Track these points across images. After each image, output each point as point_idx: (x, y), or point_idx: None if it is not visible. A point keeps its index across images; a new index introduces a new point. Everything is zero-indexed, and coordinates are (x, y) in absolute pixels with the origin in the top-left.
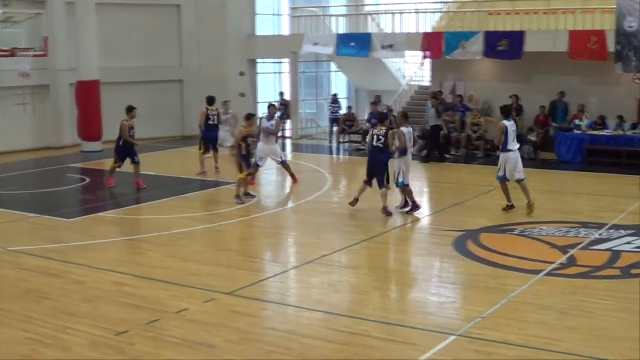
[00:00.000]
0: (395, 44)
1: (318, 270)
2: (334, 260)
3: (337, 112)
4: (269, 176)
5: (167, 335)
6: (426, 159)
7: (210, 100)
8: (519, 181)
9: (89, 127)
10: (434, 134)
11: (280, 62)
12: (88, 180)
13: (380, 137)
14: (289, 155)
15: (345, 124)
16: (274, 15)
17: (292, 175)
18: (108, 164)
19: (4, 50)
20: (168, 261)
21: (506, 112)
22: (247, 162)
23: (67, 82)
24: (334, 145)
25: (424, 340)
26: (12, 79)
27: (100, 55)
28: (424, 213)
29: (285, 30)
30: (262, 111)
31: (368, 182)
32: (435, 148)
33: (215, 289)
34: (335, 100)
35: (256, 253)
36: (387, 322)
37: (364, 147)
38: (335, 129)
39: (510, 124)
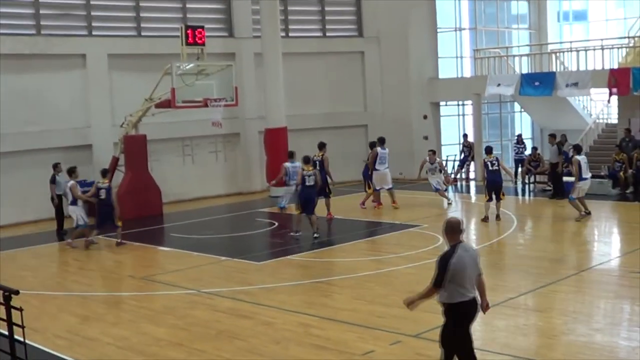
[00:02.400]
0: (580, 81)
1: (504, 313)
2: (520, 302)
3: (522, 153)
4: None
5: None
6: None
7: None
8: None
9: (277, 173)
10: (554, 171)
11: (464, 104)
12: (276, 224)
13: (494, 163)
14: (473, 197)
15: (530, 164)
16: (456, 57)
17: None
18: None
19: (197, 101)
20: (354, 303)
21: (578, 149)
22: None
23: (256, 130)
24: (519, 186)
25: None
26: (205, 128)
27: (287, 102)
28: (613, 255)
29: (467, 72)
30: (447, 153)
31: (489, 200)
32: (555, 184)
33: (401, 332)
34: (519, 140)
35: None
36: None
37: (549, 188)
38: (520, 169)
39: (581, 158)
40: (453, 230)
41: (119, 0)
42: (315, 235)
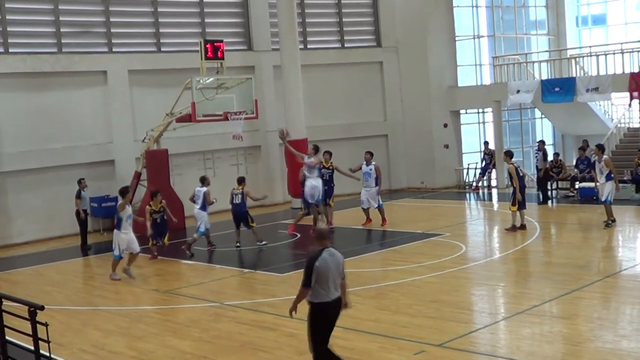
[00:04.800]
0: (600, 86)
1: (528, 321)
2: (544, 310)
3: (546, 159)
4: (476, 227)
5: None
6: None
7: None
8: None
9: (298, 184)
10: (544, 177)
11: (484, 112)
12: (299, 235)
13: (520, 171)
14: (495, 205)
15: (552, 170)
16: (475, 65)
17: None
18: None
19: (217, 115)
20: (377, 313)
21: (603, 149)
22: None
23: (276, 142)
24: (542, 192)
25: None
26: (226, 141)
27: (307, 114)
28: (638, 260)
29: (487, 80)
30: (468, 161)
31: (520, 208)
32: (542, 190)
33: (425, 341)
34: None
35: (465, 304)
36: None
37: (572, 194)
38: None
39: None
40: (322, 236)
41: (138, 17)
42: (258, 243)
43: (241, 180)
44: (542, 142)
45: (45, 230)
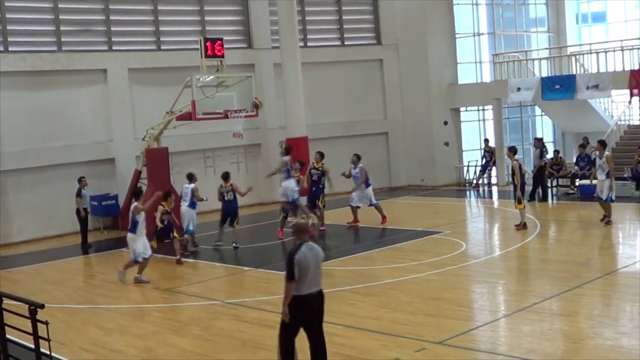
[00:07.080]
0: (601, 83)
1: (529, 318)
2: (545, 307)
3: (543, 157)
4: (476, 224)
5: None
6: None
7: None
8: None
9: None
10: (539, 174)
11: (484, 109)
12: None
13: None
14: (496, 202)
15: (552, 167)
16: (475, 63)
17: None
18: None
19: (217, 113)
20: (378, 311)
21: (605, 145)
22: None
23: (276, 140)
24: (541, 189)
25: None
26: (226, 139)
27: (307, 112)
28: (638, 257)
29: (487, 77)
30: (467, 159)
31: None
32: (540, 187)
33: (425, 339)
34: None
35: (465, 302)
36: None
37: (573, 191)
38: None
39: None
40: (301, 230)
41: (138, 15)
42: (235, 245)
43: (227, 176)
44: (537, 140)
45: (45, 228)
